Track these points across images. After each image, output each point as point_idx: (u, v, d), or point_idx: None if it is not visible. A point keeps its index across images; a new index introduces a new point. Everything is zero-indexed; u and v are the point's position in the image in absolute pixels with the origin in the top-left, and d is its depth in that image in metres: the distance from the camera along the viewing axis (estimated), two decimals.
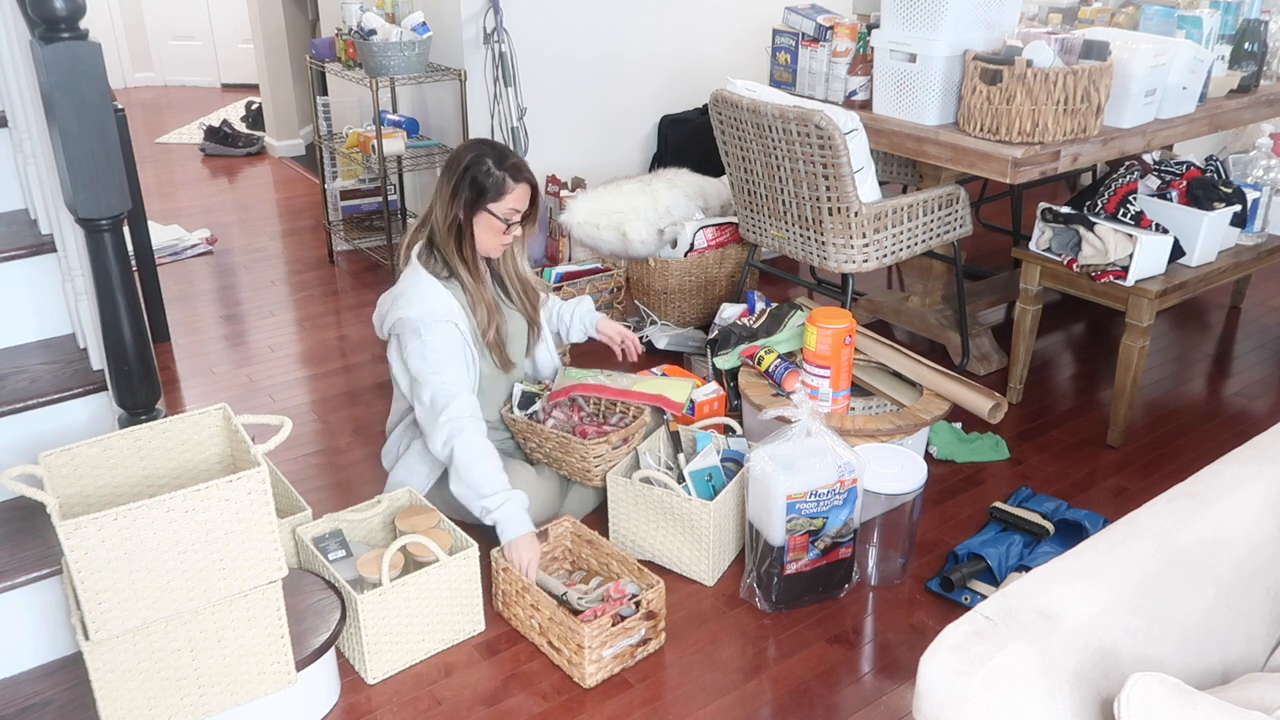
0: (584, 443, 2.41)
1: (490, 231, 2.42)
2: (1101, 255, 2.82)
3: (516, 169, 2.40)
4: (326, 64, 3.94)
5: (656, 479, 2.37)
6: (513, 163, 2.40)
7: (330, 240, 4.35)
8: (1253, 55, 3.25)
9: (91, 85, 1.69)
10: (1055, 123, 2.71)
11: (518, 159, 2.43)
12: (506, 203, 2.39)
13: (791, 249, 3.06)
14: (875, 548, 2.39)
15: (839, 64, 3.20)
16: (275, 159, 5.81)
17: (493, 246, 2.46)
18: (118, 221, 1.80)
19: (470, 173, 2.37)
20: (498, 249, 2.47)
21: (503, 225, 2.40)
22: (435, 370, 2.34)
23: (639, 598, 2.12)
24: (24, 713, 1.86)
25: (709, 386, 2.85)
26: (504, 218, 2.40)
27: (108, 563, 1.59)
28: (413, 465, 2.49)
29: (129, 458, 1.83)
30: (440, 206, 2.41)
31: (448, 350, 2.36)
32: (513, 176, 2.38)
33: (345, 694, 2.09)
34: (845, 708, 2.06)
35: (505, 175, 2.37)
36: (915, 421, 2.53)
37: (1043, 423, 3.11)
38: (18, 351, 2.23)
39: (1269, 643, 1.60)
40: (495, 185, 2.37)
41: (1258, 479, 1.61)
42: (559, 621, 2.08)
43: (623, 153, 4.23)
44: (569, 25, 3.93)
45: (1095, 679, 1.31)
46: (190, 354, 3.54)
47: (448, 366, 2.35)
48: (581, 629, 2.02)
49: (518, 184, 2.39)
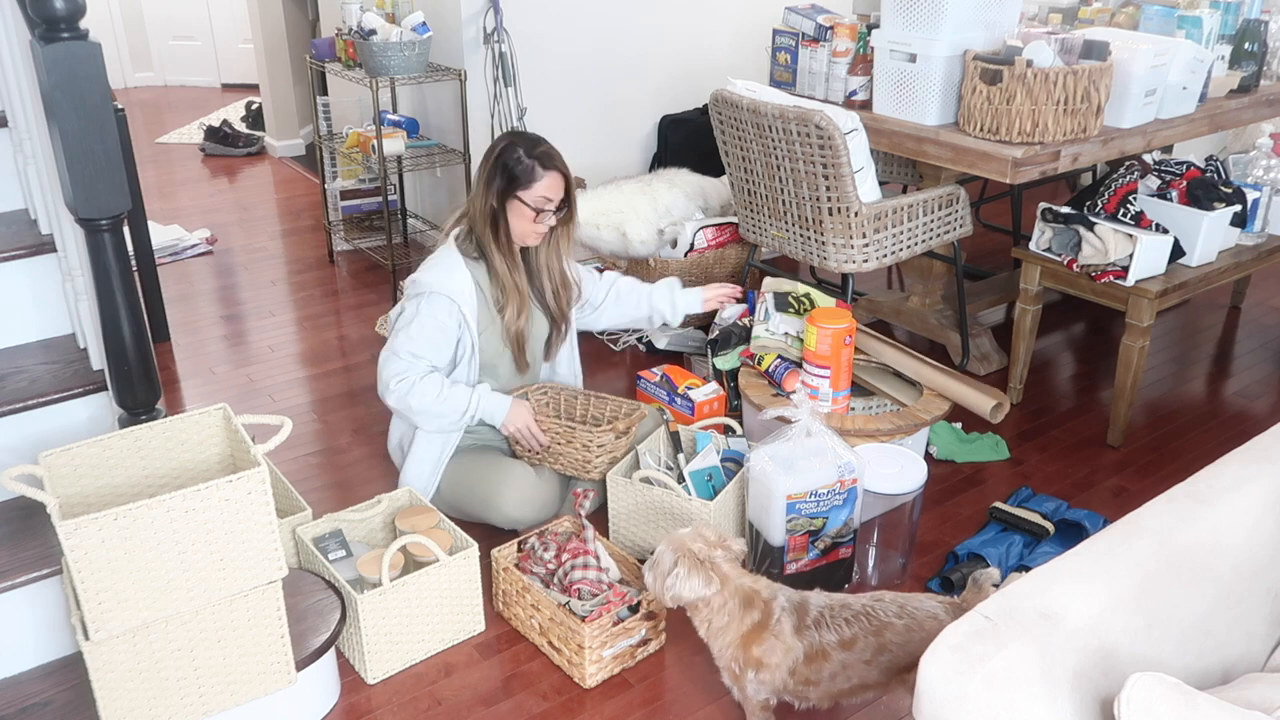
0: (588, 430, 2.42)
1: (523, 219, 2.43)
2: (1101, 255, 2.82)
3: (547, 156, 2.43)
4: (326, 64, 3.94)
5: (656, 479, 2.37)
6: (543, 150, 2.43)
7: (330, 240, 4.35)
8: (1253, 55, 3.25)
9: (91, 85, 1.69)
10: (1055, 123, 2.71)
11: (549, 147, 2.46)
12: (536, 190, 2.41)
13: (791, 249, 3.06)
14: (875, 548, 2.39)
15: (839, 64, 3.20)
16: (275, 159, 5.81)
17: (528, 234, 2.47)
18: (118, 221, 1.80)
19: (501, 160, 2.41)
20: (534, 237, 2.49)
21: (533, 213, 2.42)
22: (412, 338, 2.39)
23: (639, 599, 2.12)
24: (24, 713, 1.86)
25: (709, 386, 2.86)
26: (535, 205, 2.41)
27: (108, 563, 1.59)
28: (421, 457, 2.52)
29: (129, 458, 1.83)
30: (478, 196, 2.45)
31: (434, 327, 2.40)
32: (542, 164, 2.41)
33: (345, 694, 2.09)
34: (845, 708, 2.06)
35: (535, 163, 2.40)
36: (915, 421, 2.53)
37: (1043, 423, 3.11)
38: (18, 351, 2.23)
39: (1269, 643, 1.60)
40: (525, 173, 2.40)
41: (1258, 479, 1.61)
42: (559, 622, 2.08)
43: (623, 153, 4.23)
44: (569, 25, 3.93)
45: (1095, 679, 1.31)
46: (190, 354, 3.54)
47: (425, 342, 2.39)
48: (582, 629, 2.02)
49: (547, 171, 2.41)
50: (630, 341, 3.56)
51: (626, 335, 3.58)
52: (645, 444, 2.54)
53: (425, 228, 4.30)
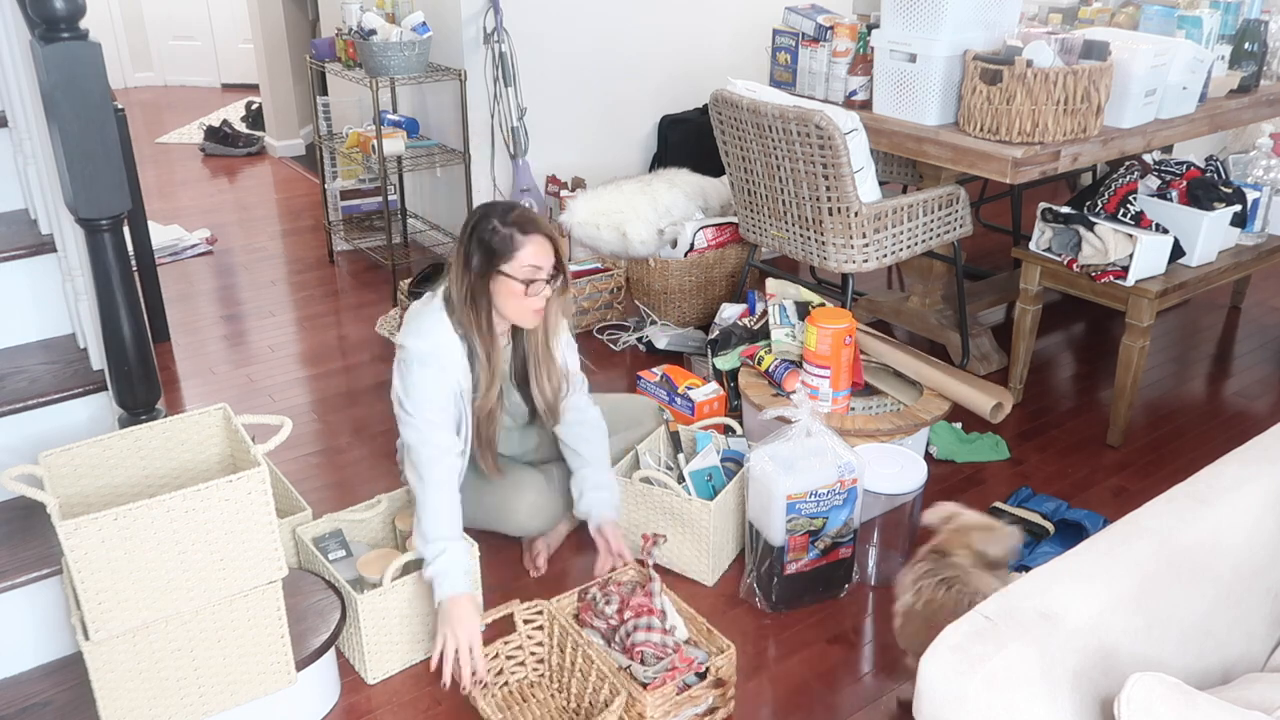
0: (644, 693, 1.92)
1: (512, 297, 2.15)
2: (1101, 255, 2.82)
3: (526, 220, 2.15)
4: (326, 64, 3.94)
5: (656, 479, 2.37)
6: (519, 214, 2.16)
7: (330, 240, 4.35)
8: (1253, 55, 3.25)
9: (91, 85, 1.69)
10: (1055, 123, 2.71)
11: (527, 211, 2.19)
12: (521, 259, 2.12)
13: (791, 249, 3.06)
14: (875, 548, 2.39)
15: (839, 64, 3.20)
16: (275, 159, 5.81)
17: (523, 315, 2.19)
18: (118, 221, 1.80)
19: (475, 235, 2.14)
20: (531, 316, 2.19)
21: (522, 287, 2.13)
22: (418, 408, 2.12)
23: (707, 665, 1.94)
24: (24, 713, 1.86)
25: (709, 386, 2.86)
26: (523, 277, 2.13)
27: (108, 563, 1.59)
28: None
29: (129, 458, 1.83)
30: (456, 280, 2.17)
31: (434, 390, 2.14)
32: (521, 229, 2.13)
33: (345, 694, 2.08)
34: (845, 708, 2.06)
35: (513, 230, 2.12)
36: (915, 421, 2.53)
37: (1043, 423, 3.11)
38: (18, 351, 2.23)
39: (1269, 643, 1.60)
40: (504, 243, 2.12)
41: (1258, 479, 1.61)
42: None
43: (623, 153, 4.23)
44: (569, 25, 3.93)
45: (1095, 679, 1.31)
46: (190, 354, 3.54)
47: (430, 407, 2.13)
48: (644, 697, 1.85)
49: (528, 236, 2.13)
50: (630, 341, 3.56)
51: (627, 335, 3.59)
52: (645, 444, 2.53)
53: (425, 227, 4.30)
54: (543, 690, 2.08)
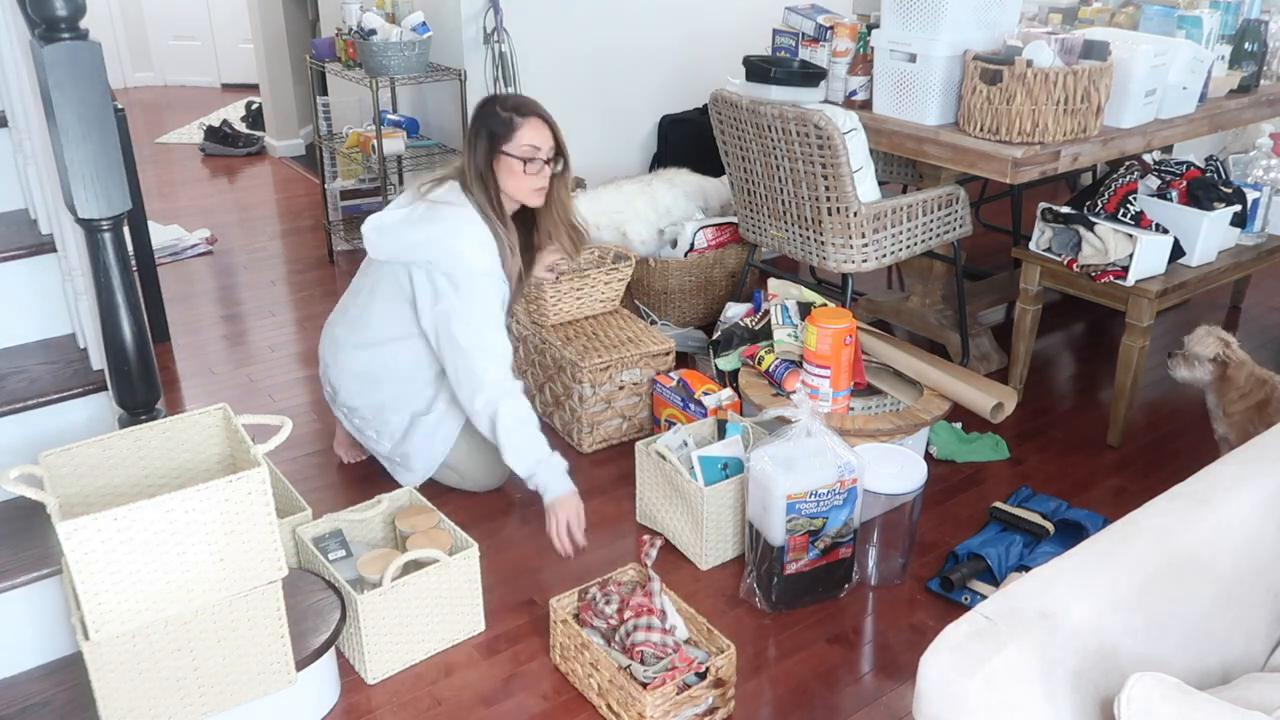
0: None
1: (514, 176, 2.41)
2: (1101, 255, 2.82)
3: (523, 104, 2.41)
4: (326, 64, 3.94)
5: (664, 453, 2.43)
6: (518, 100, 2.42)
7: (330, 240, 4.35)
8: (1253, 55, 3.25)
9: (91, 85, 1.69)
10: (1055, 123, 2.71)
11: (526, 98, 2.44)
12: (519, 139, 2.38)
13: (791, 249, 3.06)
14: (875, 548, 2.39)
15: (839, 64, 3.20)
16: (275, 159, 5.81)
17: (526, 192, 2.44)
18: (118, 221, 1.80)
19: (480, 120, 2.41)
20: (535, 195, 2.46)
21: (521, 164, 2.39)
22: (485, 325, 2.34)
23: (707, 664, 1.97)
24: (24, 713, 1.86)
25: (724, 392, 2.80)
26: (521, 155, 2.38)
27: (108, 563, 1.59)
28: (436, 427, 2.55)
29: (129, 458, 1.83)
30: (468, 164, 2.42)
31: (497, 303, 2.38)
32: (519, 112, 2.39)
33: (345, 694, 2.08)
34: (845, 708, 2.06)
35: (511, 114, 2.38)
36: (915, 421, 2.53)
37: (1043, 423, 3.11)
38: (18, 351, 2.23)
39: (1269, 643, 1.60)
40: (504, 125, 2.38)
41: (1258, 479, 1.61)
42: (619, 685, 1.94)
43: (623, 153, 4.23)
44: (569, 25, 3.93)
45: (1095, 679, 1.31)
46: (190, 354, 3.54)
47: (496, 323, 2.37)
48: (643, 696, 1.87)
49: (525, 119, 2.39)
50: None
51: None
52: (691, 426, 2.62)
53: None
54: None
